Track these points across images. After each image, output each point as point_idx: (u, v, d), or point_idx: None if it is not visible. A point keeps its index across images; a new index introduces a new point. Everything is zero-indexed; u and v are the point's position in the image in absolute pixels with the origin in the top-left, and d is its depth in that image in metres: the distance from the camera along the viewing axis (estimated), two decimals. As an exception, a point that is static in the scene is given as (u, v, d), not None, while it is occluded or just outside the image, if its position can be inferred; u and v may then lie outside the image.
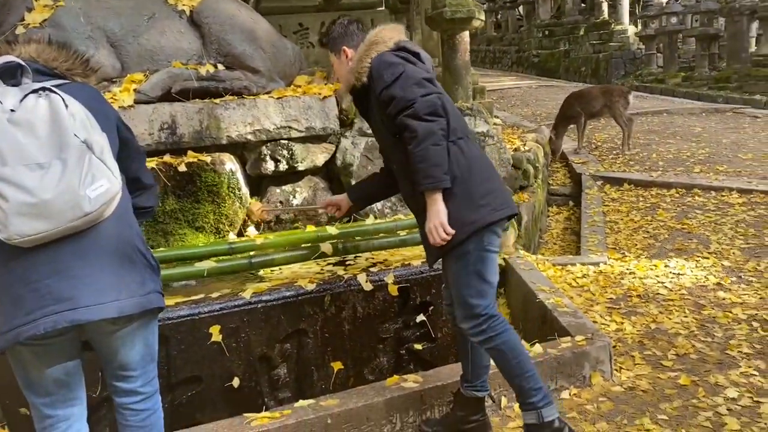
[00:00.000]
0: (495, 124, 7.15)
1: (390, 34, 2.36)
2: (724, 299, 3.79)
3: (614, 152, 7.92)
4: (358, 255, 3.35)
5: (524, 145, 6.67)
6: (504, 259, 4.51)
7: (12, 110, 1.65)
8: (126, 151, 1.99)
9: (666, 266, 4.44)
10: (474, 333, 2.33)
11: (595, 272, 4.46)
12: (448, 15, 5.53)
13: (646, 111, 10.60)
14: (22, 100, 1.67)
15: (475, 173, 2.28)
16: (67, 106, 1.70)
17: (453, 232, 2.22)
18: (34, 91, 1.69)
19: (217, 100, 3.65)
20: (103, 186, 1.70)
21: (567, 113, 7.95)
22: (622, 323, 3.58)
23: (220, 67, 3.79)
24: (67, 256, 1.70)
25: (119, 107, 3.40)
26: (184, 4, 3.83)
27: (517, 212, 2.53)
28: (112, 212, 1.76)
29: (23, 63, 1.77)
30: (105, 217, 1.74)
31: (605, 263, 4.64)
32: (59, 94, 1.70)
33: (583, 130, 8.04)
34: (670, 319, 3.59)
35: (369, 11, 5.76)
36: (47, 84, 1.76)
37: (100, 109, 1.87)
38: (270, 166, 3.74)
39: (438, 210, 2.22)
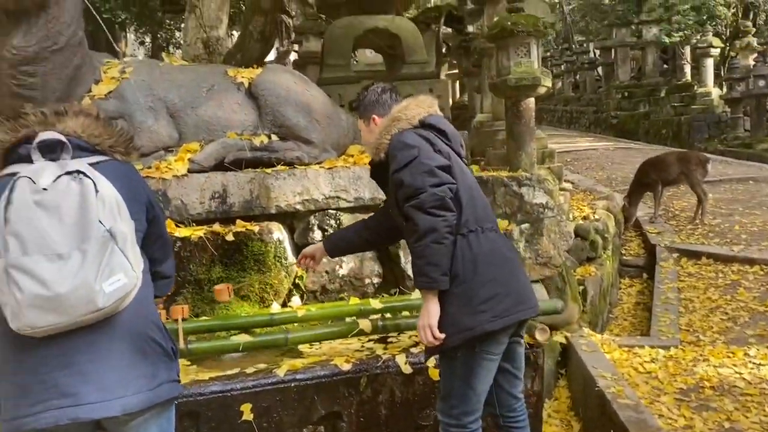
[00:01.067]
0: (563, 189, 6.93)
1: (416, 110, 2.29)
2: (811, 398, 3.39)
3: (694, 222, 7.48)
4: (401, 333, 3.23)
5: (594, 213, 6.41)
6: (566, 337, 4.26)
7: (45, 189, 1.67)
8: (154, 228, 1.99)
9: (745, 355, 4.05)
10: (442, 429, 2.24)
11: (665, 357, 4.12)
12: (512, 83, 5.45)
13: (730, 178, 10.02)
14: (55, 180, 1.69)
15: (481, 272, 2.12)
16: (98, 191, 1.70)
17: (442, 336, 2.09)
18: (69, 173, 1.71)
19: (269, 170, 3.68)
20: (120, 281, 1.68)
21: (642, 180, 7.62)
22: (692, 419, 3.24)
23: (274, 137, 3.85)
24: (76, 350, 1.67)
25: (173, 176, 3.49)
26: (243, 77, 3.94)
27: (530, 317, 2.30)
28: (128, 303, 1.74)
29: (64, 139, 1.79)
30: (119, 310, 1.72)
31: (677, 347, 4.29)
32: (92, 179, 1.71)
33: (659, 198, 7.66)
34: (747, 417, 3.22)
35: (428, 81, 5.78)
36: (86, 160, 1.79)
37: (133, 190, 1.87)
38: (317, 236, 3.71)
39: (429, 311, 2.09)
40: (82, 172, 1.72)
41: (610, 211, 6.76)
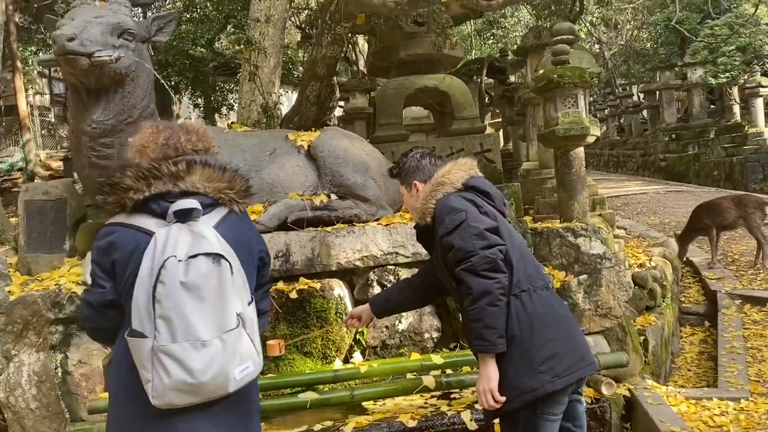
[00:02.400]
0: (617, 237, 6.85)
1: (458, 174, 2.32)
2: None
3: (755, 267, 7.26)
4: (464, 388, 3.24)
5: (650, 260, 6.31)
6: (629, 390, 4.17)
7: (181, 260, 1.75)
8: (261, 274, 2.10)
9: (822, 407, 3.89)
10: None
11: (735, 410, 3.98)
12: (561, 133, 5.50)
13: (791, 219, 9.72)
14: (194, 256, 1.77)
15: (538, 333, 2.12)
16: (232, 272, 1.82)
17: (503, 399, 2.09)
18: (208, 255, 1.79)
19: (329, 228, 3.80)
20: (249, 368, 1.83)
21: (696, 225, 7.47)
22: (769, 477, 3.12)
23: (333, 196, 3.98)
24: (201, 419, 1.80)
25: (239, 237, 3.64)
26: (302, 140, 4.12)
27: (591, 373, 2.28)
28: None
29: (198, 206, 1.87)
30: None
31: (747, 399, 4.15)
32: (228, 261, 1.82)
33: (716, 243, 7.47)
34: (828, 475, 3.09)
35: (478, 135, 5.89)
36: (211, 220, 1.89)
37: (249, 249, 1.99)
38: (377, 291, 3.78)
39: (488, 374, 2.09)
40: (222, 256, 1.82)
41: (667, 258, 6.65)
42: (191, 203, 1.87)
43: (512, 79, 12.60)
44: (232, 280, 1.80)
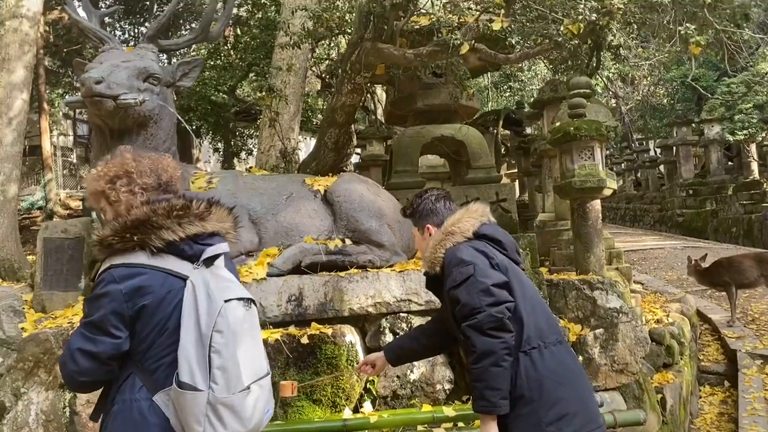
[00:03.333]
0: (633, 291, 6.75)
1: (469, 222, 2.27)
2: None
3: (776, 326, 7.10)
4: (476, 442, 3.15)
5: (668, 316, 6.20)
6: (646, 450, 4.04)
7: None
8: None
9: None
10: None
11: (758, 475, 3.84)
12: (577, 185, 5.50)
13: (812, 278, 9.54)
14: (228, 301, 1.76)
15: (547, 392, 2.05)
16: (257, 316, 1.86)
17: None
18: (240, 299, 1.79)
19: (343, 273, 3.79)
20: (270, 411, 1.85)
21: (714, 280, 7.36)
22: None
23: (348, 241, 3.99)
24: None
25: (252, 279, 3.64)
26: (319, 185, 4.16)
27: (596, 427, 2.15)
28: None
29: (226, 250, 1.90)
30: None
31: (770, 464, 4.00)
32: (255, 304, 1.87)
33: (735, 300, 7.34)
34: None
35: (494, 185, 5.90)
36: (224, 261, 1.90)
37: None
38: (389, 338, 3.74)
39: None
40: (252, 300, 1.84)
41: (684, 314, 6.53)
42: (224, 247, 1.87)
43: (528, 130, 12.70)
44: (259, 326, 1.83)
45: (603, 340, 4.05)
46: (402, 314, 3.81)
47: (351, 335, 3.65)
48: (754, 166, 16.40)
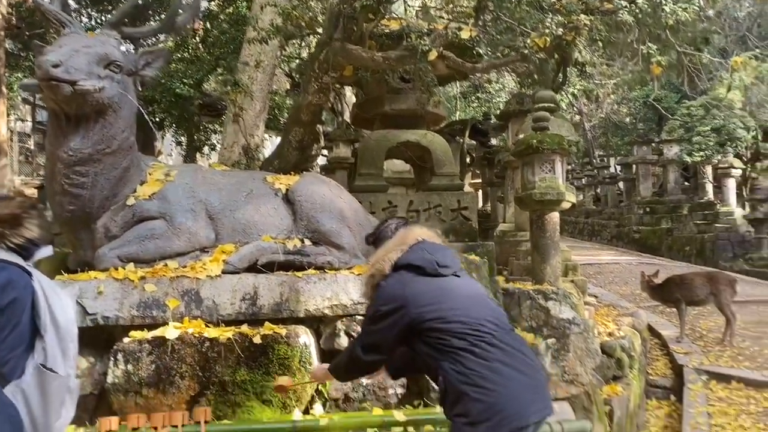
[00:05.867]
0: (587, 304, 6.87)
1: (387, 258, 2.46)
2: None
3: (722, 343, 7.30)
4: (425, 447, 3.15)
5: (619, 330, 6.32)
6: (592, 460, 4.10)
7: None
8: None
9: (784, 490, 3.85)
10: None
11: (698, 488, 3.93)
12: (537, 197, 5.59)
13: (758, 299, 9.86)
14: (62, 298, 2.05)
15: (482, 386, 2.17)
16: None
17: None
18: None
19: (300, 274, 3.75)
20: None
21: (665, 296, 7.55)
22: None
23: (307, 242, 3.95)
24: None
25: (207, 276, 3.58)
26: (280, 183, 4.11)
27: (534, 421, 2.21)
28: None
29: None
30: None
31: (711, 478, 4.10)
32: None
33: (685, 317, 7.53)
34: None
35: (456, 192, 5.94)
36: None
37: None
38: (344, 341, 3.71)
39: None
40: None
41: (636, 329, 6.67)
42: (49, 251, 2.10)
43: (494, 142, 12.84)
44: None
45: (554, 350, 4.11)
46: (359, 317, 3.78)
47: (305, 336, 3.60)
48: (709, 187, 16.92)
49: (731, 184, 15.85)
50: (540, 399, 2.27)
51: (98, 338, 3.47)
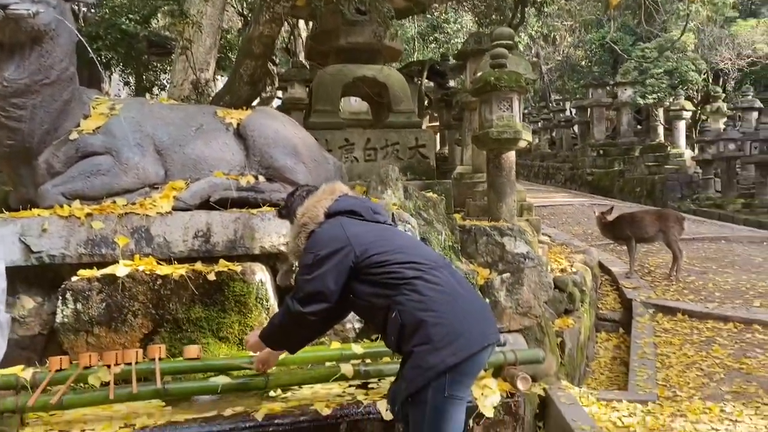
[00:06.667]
0: (541, 242, 6.99)
1: (320, 206, 2.45)
2: (787, 456, 3.39)
3: (669, 278, 7.58)
4: (382, 378, 3.18)
5: (571, 266, 6.47)
6: (544, 389, 4.24)
7: None
8: None
9: (722, 411, 4.06)
10: None
11: (642, 411, 4.11)
12: (494, 135, 5.58)
13: (703, 237, 10.23)
14: None
15: (433, 313, 2.18)
16: None
17: None
18: None
19: (254, 211, 3.67)
20: None
21: (616, 234, 7.74)
22: (671, 475, 3.22)
23: (261, 178, 3.85)
24: None
25: (157, 213, 3.47)
26: (232, 118, 3.97)
27: (489, 344, 2.26)
28: None
29: None
30: None
31: (654, 402, 4.29)
32: None
33: (635, 254, 7.76)
34: (725, 474, 3.22)
35: (414, 130, 5.88)
36: None
37: None
38: (300, 278, 3.68)
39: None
40: None
41: (587, 265, 6.84)
42: None
43: (452, 83, 12.74)
44: None
45: (509, 284, 4.17)
46: (315, 253, 3.75)
47: (261, 273, 3.56)
48: (660, 129, 17.24)
49: (681, 127, 16.18)
50: (489, 324, 2.32)
51: (45, 277, 3.37)
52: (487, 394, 2.92)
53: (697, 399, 4.32)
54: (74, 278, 3.20)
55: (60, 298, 3.15)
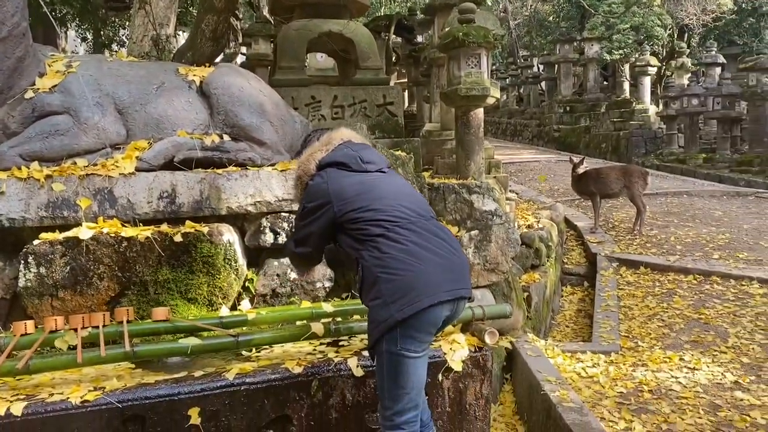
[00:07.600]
0: (509, 199, 7.06)
1: (313, 159, 2.58)
2: (741, 400, 3.56)
3: (632, 233, 7.75)
4: (353, 336, 3.22)
5: (538, 222, 6.57)
6: (511, 342, 4.34)
7: None
8: None
9: (681, 359, 4.22)
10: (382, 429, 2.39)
11: (606, 362, 4.25)
12: (463, 92, 5.55)
13: (666, 191, 10.46)
14: None
15: (387, 271, 2.26)
16: None
17: None
18: None
19: (220, 171, 3.61)
20: None
21: (581, 189, 7.85)
22: (632, 422, 3.36)
23: (226, 138, 3.78)
24: None
25: (120, 174, 3.39)
26: (194, 75, 3.86)
27: (437, 302, 2.27)
28: None
29: None
30: None
31: (617, 353, 4.44)
32: None
33: (599, 209, 7.90)
34: (683, 419, 3.36)
35: (382, 87, 5.80)
36: None
37: None
38: (269, 238, 3.66)
39: None
40: None
41: (554, 221, 6.95)
42: None
43: (420, 39, 12.56)
44: None
45: (477, 241, 4.21)
46: (283, 214, 3.73)
47: (229, 234, 3.53)
48: (626, 85, 17.37)
49: (647, 82, 16.33)
50: (455, 279, 2.33)
51: (5, 241, 3.28)
52: (455, 349, 2.97)
53: (657, 349, 4.48)
54: (36, 242, 3.12)
55: (22, 262, 3.08)
